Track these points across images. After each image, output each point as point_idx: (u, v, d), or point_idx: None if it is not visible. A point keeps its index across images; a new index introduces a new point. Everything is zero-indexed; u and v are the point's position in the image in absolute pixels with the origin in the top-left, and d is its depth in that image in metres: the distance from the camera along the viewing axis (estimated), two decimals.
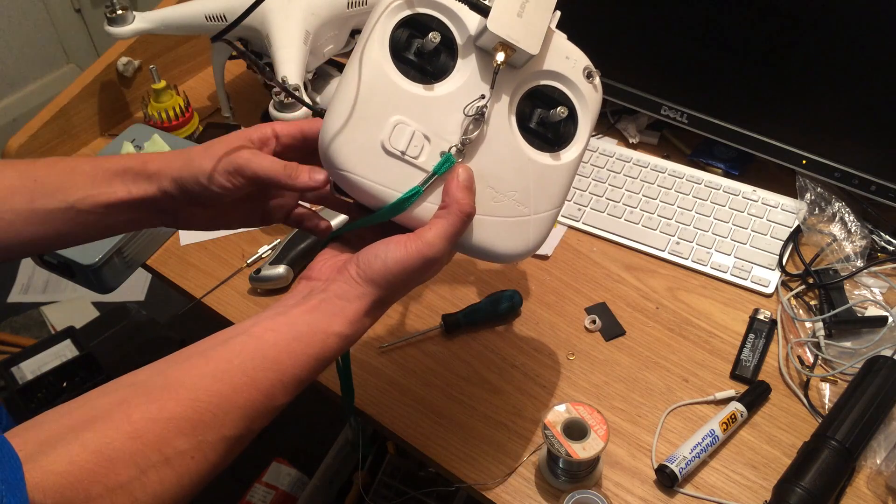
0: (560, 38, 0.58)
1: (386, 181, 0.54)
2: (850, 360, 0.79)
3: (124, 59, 1.09)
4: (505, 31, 0.53)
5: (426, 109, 0.55)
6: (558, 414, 0.69)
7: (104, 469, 0.41)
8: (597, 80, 0.59)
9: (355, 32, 1.06)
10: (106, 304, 1.89)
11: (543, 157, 0.58)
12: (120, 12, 0.96)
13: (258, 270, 0.89)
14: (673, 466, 0.71)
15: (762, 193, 0.96)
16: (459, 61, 0.56)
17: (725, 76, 0.96)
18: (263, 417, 0.49)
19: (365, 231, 0.58)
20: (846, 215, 0.90)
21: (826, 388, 0.79)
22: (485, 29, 0.53)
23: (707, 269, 0.90)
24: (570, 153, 0.59)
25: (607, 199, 0.98)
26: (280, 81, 0.61)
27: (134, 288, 1.93)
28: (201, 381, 0.47)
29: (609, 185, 0.99)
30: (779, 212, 0.94)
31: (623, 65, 1.02)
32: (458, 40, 0.56)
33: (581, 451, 0.66)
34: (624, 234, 0.94)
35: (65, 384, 1.60)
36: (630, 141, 1.07)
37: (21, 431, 0.41)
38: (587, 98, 0.59)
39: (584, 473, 0.71)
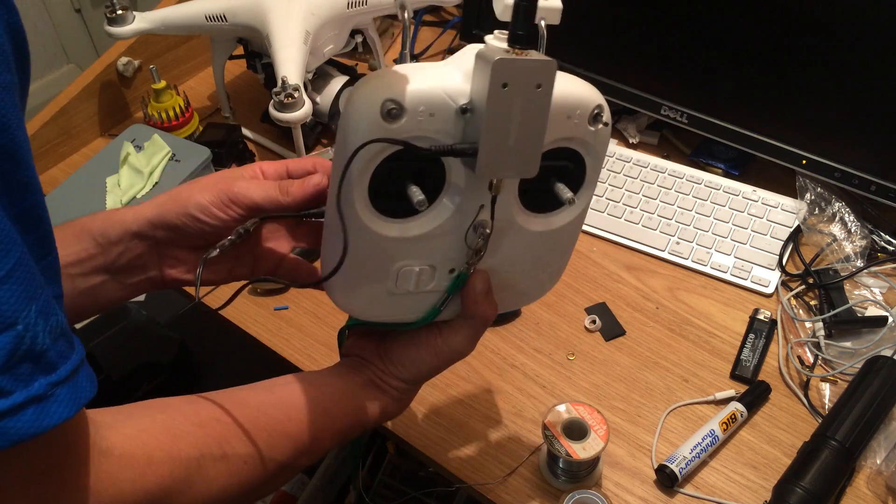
0: (560, 94, 0.47)
1: (402, 313, 0.56)
2: (850, 360, 0.79)
3: (124, 59, 1.09)
4: (498, 171, 0.46)
5: (425, 245, 0.51)
6: (558, 414, 0.69)
7: (169, 442, 0.45)
8: (605, 118, 0.51)
9: (355, 32, 1.06)
10: None
11: (553, 221, 0.54)
12: (120, 12, 0.96)
13: None
14: (673, 466, 0.71)
15: (762, 193, 0.96)
16: (450, 177, 0.49)
17: (725, 76, 0.96)
18: (307, 457, 0.54)
19: None
20: (846, 215, 0.90)
21: (826, 388, 0.79)
22: (480, 178, 0.48)
23: (707, 269, 0.90)
24: (579, 204, 0.54)
25: (607, 199, 0.98)
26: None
27: None
28: (264, 406, 0.52)
29: (609, 185, 0.99)
30: (779, 212, 0.94)
31: (623, 65, 1.02)
32: (444, 161, 0.48)
33: (581, 451, 0.66)
34: (624, 234, 0.94)
35: None
36: (630, 141, 1.07)
37: (98, 409, 0.44)
38: (595, 144, 0.51)
39: (584, 473, 0.71)
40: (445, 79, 0.45)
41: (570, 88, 0.49)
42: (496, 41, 0.46)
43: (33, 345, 0.37)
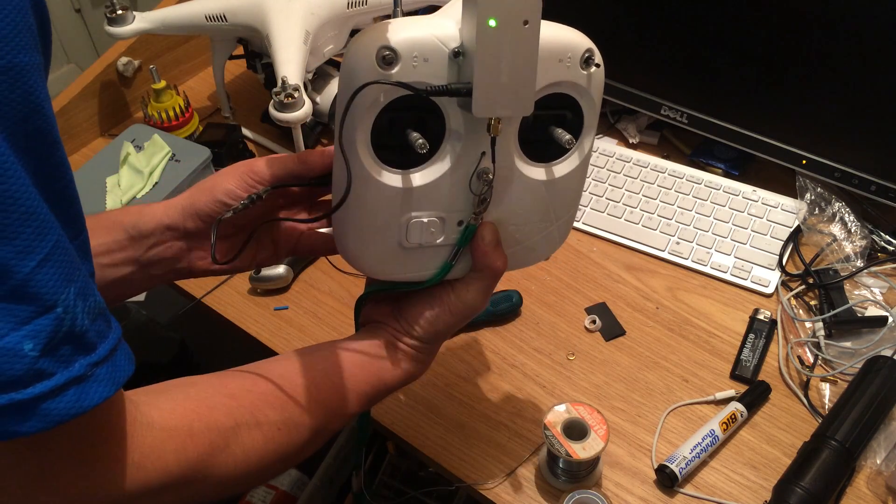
0: (551, 36, 0.50)
1: (415, 270, 0.57)
2: (850, 360, 0.79)
3: (124, 59, 1.09)
4: (493, 110, 0.48)
5: (432, 195, 0.53)
6: (558, 414, 0.69)
7: (205, 412, 0.46)
8: (596, 60, 0.52)
9: (355, 32, 1.06)
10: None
11: (556, 169, 0.56)
12: (120, 12, 0.96)
13: (258, 270, 0.89)
14: (673, 466, 0.71)
15: (762, 193, 0.96)
16: (449, 128, 0.51)
17: (725, 76, 0.96)
18: (338, 420, 0.55)
19: None
20: (846, 215, 0.90)
21: (826, 388, 0.79)
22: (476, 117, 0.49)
23: (707, 269, 0.90)
24: (580, 152, 0.56)
25: (607, 199, 0.98)
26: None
27: None
28: (289, 373, 0.53)
29: (609, 185, 0.99)
30: (779, 212, 0.94)
31: (623, 65, 1.02)
32: (442, 107, 0.50)
33: (581, 451, 0.66)
34: (624, 234, 0.94)
35: None
36: (630, 141, 1.07)
37: (131, 390, 0.45)
38: (589, 88, 0.53)
39: (584, 473, 0.71)
40: (437, 26, 0.47)
41: (559, 33, 0.51)
42: None
43: (73, 326, 0.38)
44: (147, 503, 0.44)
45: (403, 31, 0.46)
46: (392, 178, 0.51)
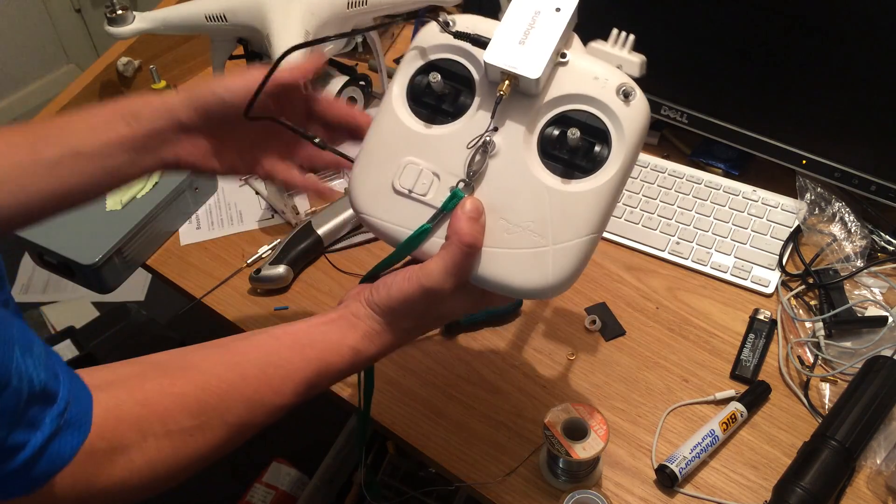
0: (589, 59, 0.56)
1: (398, 220, 0.57)
2: (850, 360, 0.79)
3: (124, 59, 1.09)
4: (502, 60, 0.53)
5: (437, 147, 0.56)
6: (558, 414, 0.69)
7: (111, 427, 0.44)
8: (637, 98, 0.55)
9: (355, 32, 1.06)
10: (106, 304, 1.89)
11: (565, 185, 0.55)
12: (120, 12, 0.96)
13: (258, 270, 0.89)
14: (673, 466, 0.71)
15: (762, 193, 0.96)
16: (476, 99, 0.57)
17: (725, 76, 0.96)
18: (268, 413, 0.51)
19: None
20: (846, 215, 0.90)
21: (826, 388, 0.79)
22: (486, 64, 0.54)
23: (707, 269, 0.90)
24: (597, 179, 0.55)
25: None
26: (317, 141, 0.63)
27: (134, 288, 1.93)
28: (215, 368, 0.50)
29: None
30: (779, 212, 0.94)
31: None
32: (475, 78, 0.57)
33: (581, 451, 0.66)
34: (624, 234, 0.94)
35: None
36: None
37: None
38: (621, 119, 0.54)
39: (584, 473, 0.71)
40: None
41: (605, 65, 0.57)
42: None
43: (31, 391, 0.38)
44: None
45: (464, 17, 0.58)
46: (408, 118, 0.57)
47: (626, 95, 0.55)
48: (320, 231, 0.92)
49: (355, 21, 1.02)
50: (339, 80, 1.04)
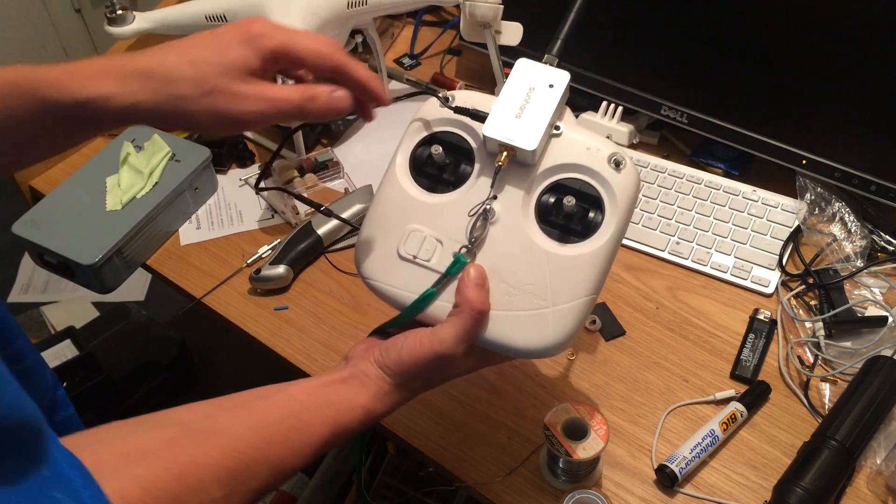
0: (580, 131, 0.59)
1: (403, 285, 0.59)
2: (850, 360, 0.79)
3: None
4: (500, 132, 0.56)
5: (439, 215, 0.59)
6: (558, 414, 0.69)
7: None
8: (627, 168, 0.58)
9: (355, 32, 1.06)
10: (106, 304, 1.89)
11: (562, 249, 0.57)
12: (120, 12, 0.96)
13: (258, 270, 0.89)
14: (673, 466, 0.71)
15: (762, 193, 0.96)
16: (476, 168, 0.60)
17: (725, 76, 0.96)
18: (286, 475, 0.52)
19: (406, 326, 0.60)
20: (846, 215, 0.90)
21: (826, 388, 0.79)
22: (485, 137, 0.57)
23: (707, 269, 0.90)
24: (593, 243, 0.58)
25: None
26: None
27: (134, 288, 1.93)
28: (242, 433, 0.49)
29: None
30: (779, 212, 0.94)
31: (623, 65, 1.02)
32: (476, 151, 0.60)
33: (581, 451, 0.66)
34: (624, 234, 0.94)
35: (65, 384, 1.60)
36: (630, 141, 1.07)
37: (80, 445, 0.42)
38: (613, 186, 0.57)
39: (584, 473, 0.71)
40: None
41: (597, 137, 0.59)
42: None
43: None
44: None
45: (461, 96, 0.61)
46: (411, 187, 0.60)
47: (616, 164, 0.58)
48: (320, 231, 0.92)
49: (355, 21, 1.02)
50: None
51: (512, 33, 0.67)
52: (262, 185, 1.02)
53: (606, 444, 0.67)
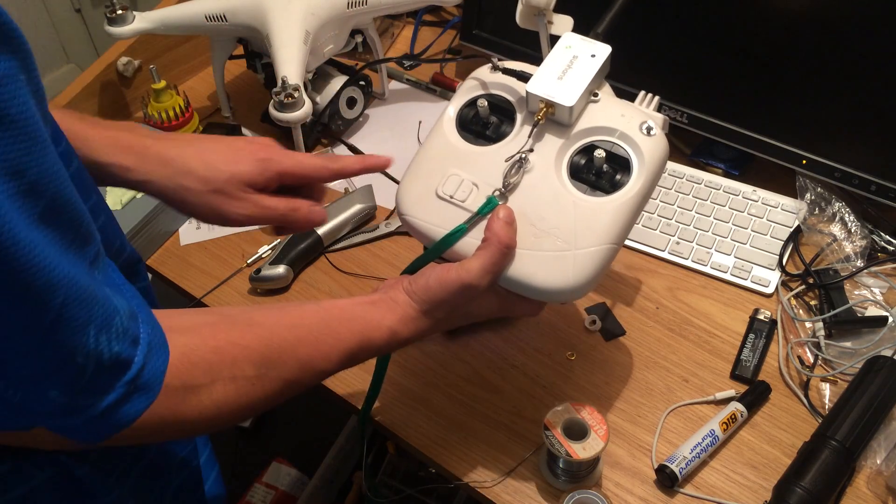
0: (618, 101, 0.66)
1: (437, 221, 0.64)
2: (850, 360, 0.79)
3: (124, 59, 1.09)
4: (541, 89, 0.62)
5: (478, 163, 0.64)
6: (558, 414, 0.69)
7: (185, 369, 0.48)
8: (658, 135, 0.63)
9: (355, 32, 1.06)
10: None
11: (590, 199, 0.62)
12: (120, 12, 0.96)
13: (258, 270, 0.89)
14: (673, 466, 0.71)
15: (762, 193, 0.96)
16: (516, 127, 0.65)
17: (725, 76, 0.96)
18: (314, 375, 0.56)
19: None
20: (846, 215, 0.90)
21: (826, 388, 0.79)
22: (528, 94, 0.62)
23: (707, 269, 0.90)
24: (619, 197, 0.62)
25: None
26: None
27: None
28: (277, 328, 0.55)
29: None
30: (779, 212, 0.94)
31: (623, 65, 1.02)
32: (518, 112, 0.66)
33: (581, 451, 0.66)
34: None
35: None
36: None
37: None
38: (643, 149, 0.62)
39: (584, 473, 0.71)
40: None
41: (633, 105, 0.66)
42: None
43: (100, 363, 0.41)
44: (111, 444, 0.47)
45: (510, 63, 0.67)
46: (455, 138, 0.66)
47: (648, 130, 0.63)
48: (320, 231, 0.92)
49: (355, 21, 1.03)
50: (339, 80, 1.04)
51: (562, 25, 0.75)
52: None
53: (606, 444, 0.67)
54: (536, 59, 0.67)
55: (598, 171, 0.63)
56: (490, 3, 1.09)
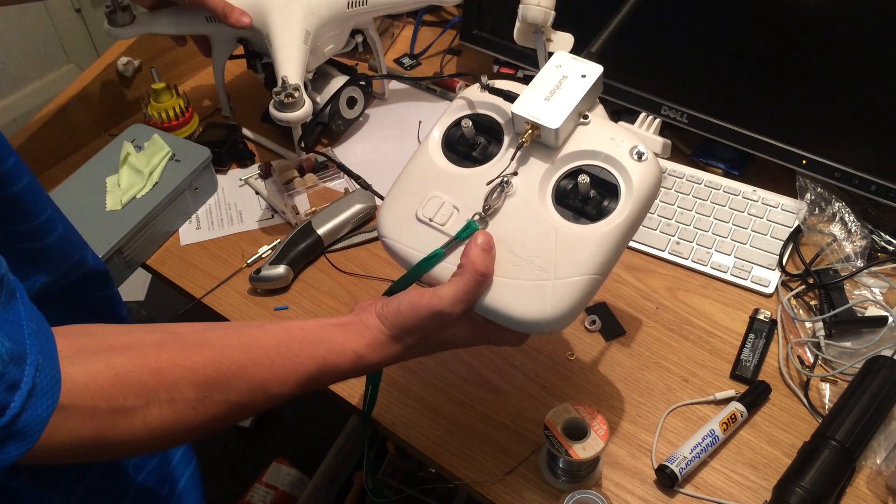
0: (609, 124, 0.62)
1: (415, 245, 0.61)
2: (850, 360, 0.79)
3: (124, 59, 1.09)
4: (527, 111, 0.59)
5: (462, 185, 0.62)
6: (558, 414, 0.69)
7: (117, 391, 0.45)
8: (649, 161, 0.59)
9: (355, 32, 1.06)
10: None
11: (573, 227, 0.59)
12: (120, 12, 0.96)
13: (258, 270, 0.89)
14: (673, 466, 0.71)
15: (762, 193, 0.96)
16: (502, 149, 0.63)
17: (725, 76, 0.96)
18: (268, 399, 0.54)
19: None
20: (846, 215, 0.90)
21: (826, 388, 0.79)
22: (513, 115, 0.60)
23: (707, 269, 0.90)
24: (603, 226, 0.59)
25: None
26: None
27: (134, 288, 1.93)
28: (228, 349, 0.52)
29: None
30: (779, 212, 0.94)
31: (623, 65, 1.02)
32: (506, 133, 0.63)
33: (581, 451, 0.66)
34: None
35: None
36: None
37: (70, 333, 0.46)
38: (631, 175, 0.59)
39: (584, 473, 0.71)
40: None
41: (625, 127, 0.62)
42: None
43: None
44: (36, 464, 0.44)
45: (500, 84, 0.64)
46: (440, 159, 0.64)
47: (639, 155, 0.59)
48: (320, 231, 0.92)
49: (355, 21, 1.03)
50: (339, 80, 1.04)
51: (562, 43, 0.71)
52: (261, 183, 1.02)
53: (606, 444, 0.67)
54: (537, 63, 0.66)
55: (585, 197, 0.59)
56: (490, 3, 1.09)
